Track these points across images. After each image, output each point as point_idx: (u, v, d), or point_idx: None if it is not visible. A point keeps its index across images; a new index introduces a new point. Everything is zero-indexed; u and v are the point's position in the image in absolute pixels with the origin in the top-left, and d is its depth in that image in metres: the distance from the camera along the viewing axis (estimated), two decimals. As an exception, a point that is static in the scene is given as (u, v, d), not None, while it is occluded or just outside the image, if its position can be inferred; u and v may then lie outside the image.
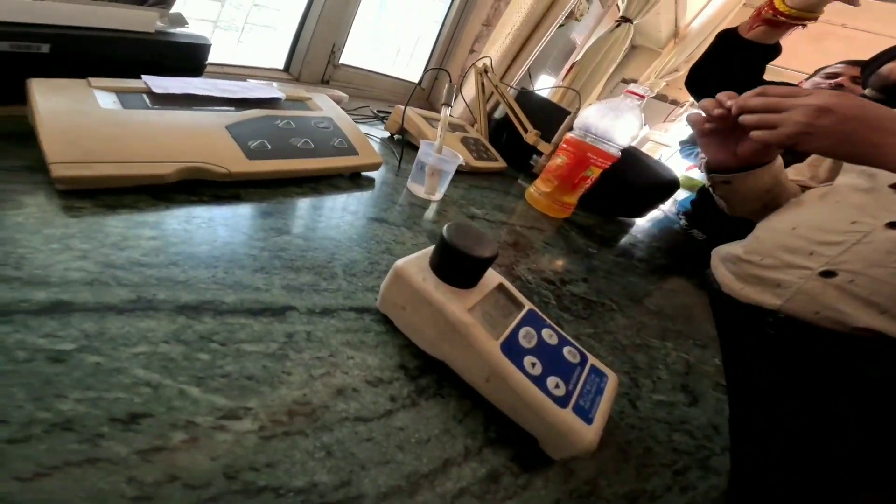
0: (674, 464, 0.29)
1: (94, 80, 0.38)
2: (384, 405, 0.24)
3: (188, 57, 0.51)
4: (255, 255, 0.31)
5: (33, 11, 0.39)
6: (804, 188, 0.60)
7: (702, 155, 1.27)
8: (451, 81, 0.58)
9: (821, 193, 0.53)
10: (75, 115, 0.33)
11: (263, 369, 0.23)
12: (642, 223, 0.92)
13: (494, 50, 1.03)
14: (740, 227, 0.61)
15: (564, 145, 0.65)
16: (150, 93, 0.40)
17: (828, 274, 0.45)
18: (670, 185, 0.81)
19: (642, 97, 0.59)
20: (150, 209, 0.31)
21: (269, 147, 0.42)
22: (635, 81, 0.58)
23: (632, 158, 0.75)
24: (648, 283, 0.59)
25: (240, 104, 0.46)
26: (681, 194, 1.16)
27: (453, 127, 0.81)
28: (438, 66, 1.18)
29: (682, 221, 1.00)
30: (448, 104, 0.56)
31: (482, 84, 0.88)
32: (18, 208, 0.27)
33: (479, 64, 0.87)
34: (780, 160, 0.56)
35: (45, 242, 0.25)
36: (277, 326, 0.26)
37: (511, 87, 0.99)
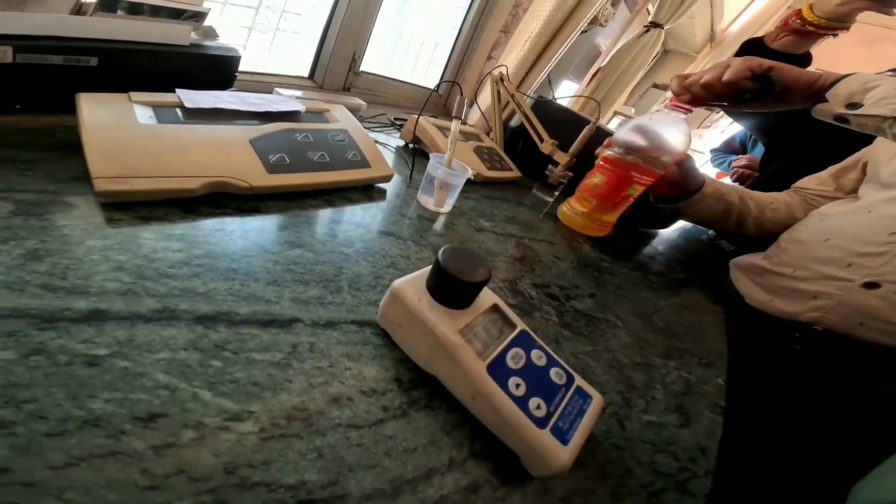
0: (651, 485, 0.29)
1: (134, 95, 0.41)
2: (376, 414, 0.26)
3: (220, 68, 0.54)
4: (269, 268, 0.33)
5: (84, 26, 0.42)
6: (828, 199, 0.59)
7: (733, 165, 1.23)
8: (461, 94, 0.59)
9: (850, 205, 0.52)
10: (117, 131, 0.36)
11: (268, 377, 0.25)
12: (667, 234, 0.89)
13: (512, 58, 1.02)
14: (771, 238, 0.59)
15: (602, 163, 0.62)
16: (182, 107, 0.43)
17: (871, 286, 0.44)
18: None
19: (689, 110, 0.55)
20: (179, 221, 0.34)
21: (288, 161, 0.44)
22: (667, 87, 0.55)
23: None
24: (660, 299, 0.57)
25: (263, 118, 0.48)
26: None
27: (467, 136, 0.81)
28: (456, 72, 1.18)
29: (710, 232, 0.96)
30: (458, 117, 0.56)
31: (498, 92, 0.88)
32: (67, 218, 0.30)
33: (495, 72, 0.87)
34: (711, 188, 0.60)
35: (88, 253, 0.28)
36: (284, 337, 0.28)
37: (528, 95, 0.98)
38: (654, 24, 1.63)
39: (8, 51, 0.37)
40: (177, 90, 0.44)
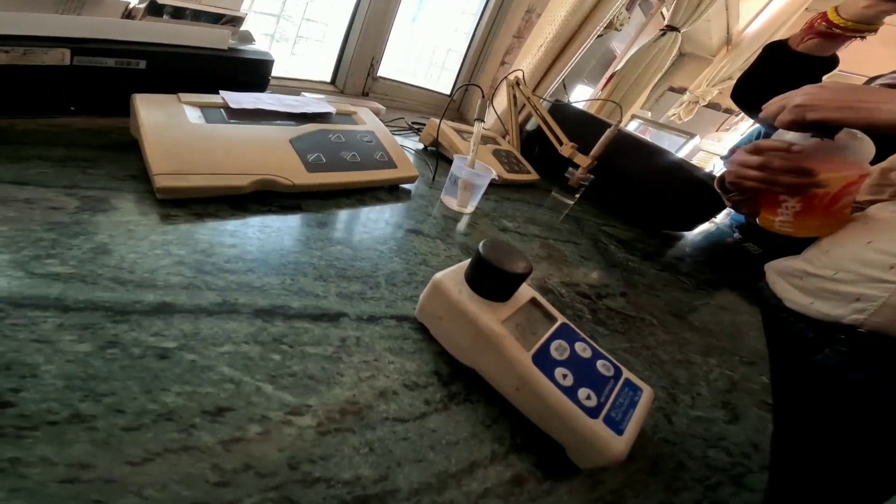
0: (706, 479, 0.28)
1: (183, 96, 0.41)
2: (419, 408, 0.25)
3: (255, 72, 0.54)
4: (314, 263, 0.33)
5: (135, 30, 0.42)
6: (870, 202, 0.56)
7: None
8: (483, 96, 0.58)
9: (892, 208, 0.49)
10: (171, 129, 0.36)
11: (322, 370, 0.25)
12: (692, 237, 0.86)
13: (527, 62, 1.00)
14: (799, 240, 0.56)
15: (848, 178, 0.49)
16: (226, 107, 0.43)
17: None
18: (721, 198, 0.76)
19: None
20: (229, 218, 0.34)
21: (324, 160, 0.44)
22: (685, 90, 0.54)
23: (678, 169, 0.71)
24: (694, 299, 0.55)
25: (299, 118, 0.48)
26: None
27: (485, 139, 0.80)
28: (469, 77, 1.16)
29: (736, 234, 0.92)
30: (481, 119, 0.55)
31: (514, 96, 0.86)
32: (129, 214, 0.30)
33: (511, 76, 0.85)
34: None
35: (151, 248, 0.28)
36: (333, 331, 0.28)
37: (544, 98, 0.96)
38: (670, 28, 1.59)
39: (67, 53, 0.37)
40: (221, 92, 0.44)
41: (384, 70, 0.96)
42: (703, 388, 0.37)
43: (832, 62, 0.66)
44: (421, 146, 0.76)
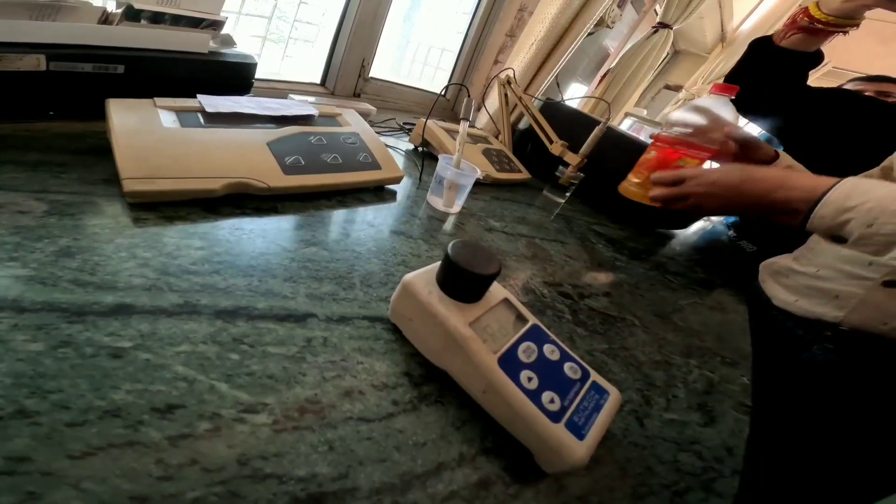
0: (674, 484, 0.28)
1: (159, 100, 0.41)
2: (386, 408, 0.25)
3: (237, 75, 0.55)
4: (285, 265, 0.33)
5: (111, 35, 0.42)
6: None
7: None
8: (469, 96, 0.58)
9: None
10: (143, 135, 0.37)
11: (283, 370, 0.25)
12: (686, 235, 0.85)
13: (518, 61, 1.01)
14: (795, 237, 0.57)
15: (655, 141, 0.63)
16: (203, 111, 0.43)
17: (891, 284, 0.42)
18: None
19: (731, 94, 0.56)
20: (201, 221, 0.34)
21: (303, 162, 0.44)
22: (680, 88, 0.56)
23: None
24: (680, 298, 0.55)
25: (279, 121, 0.48)
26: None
27: (476, 139, 0.80)
28: (462, 77, 1.17)
29: (731, 233, 0.92)
30: (466, 119, 0.56)
31: (505, 95, 0.87)
32: (97, 218, 0.31)
33: (502, 75, 0.86)
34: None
35: (116, 251, 0.28)
36: (299, 331, 0.28)
37: (536, 97, 0.96)
38: (663, 25, 1.59)
39: (42, 59, 0.38)
40: (198, 96, 0.44)
41: (377, 71, 0.96)
42: (679, 390, 0.37)
43: (817, 58, 0.66)
44: (412, 146, 0.76)
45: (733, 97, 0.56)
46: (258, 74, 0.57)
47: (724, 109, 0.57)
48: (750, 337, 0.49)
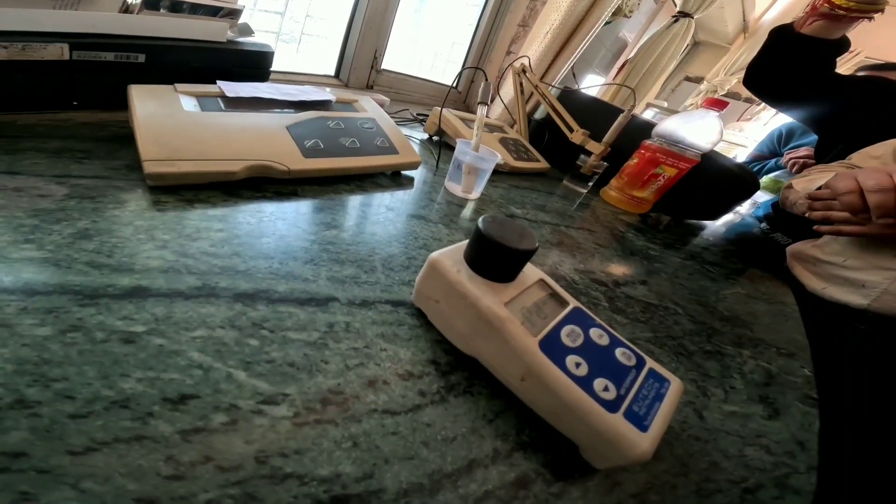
0: (743, 481, 0.24)
1: (180, 86, 0.39)
2: (412, 399, 0.22)
3: (254, 64, 0.52)
4: (306, 247, 0.30)
5: (133, 24, 0.40)
6: None
7: (791, 157, 1.11)
8: (486, 79, 0.54)
9: None
10: (164, 118, 0.34)
11: (304, 357, 0.22)
12: (715, 227, 0.80)
13: (533, 50, 0.95)
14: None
15: (640, 149, 0.66)
16: (223, 96, 0.41)
17: None
18: (749, 186, 0.68)
19: (721, 109, 0.60)
20: (221, 204, 0.32)
21: (322, 146, 0.41)
22: (701, 79, 0.54)
23: (704, 156, 0.65)
24: (722, 288, 0.50)
25: (298, 106, 0.45)
26: (760, 196, 0.99)
27: (491, 128, 0.76)
28: (474, 67, 1.12)
29: (763, 225, 0.85)
30: (484, 102, 0.52)
31: (521, 84, 0.81)
32: (117, 201, 0.28)
33: (517, 64, 0.81)
34: None
35: (135, 233, 0.26)
36: (320, 316, 0.25)
37: (553, 86, 0.91)
38: (683, 14, 1.48)
39: (65, 48, 0.36)
40: (218, 81, 0.42)
41: (389, 63, 0.93)
42: (737, 381, 0.32)
43: (842, 44, 0.60)
44: (426, 136, 0.73)
45: (722, 111, 0.59)
46: (274, 68, 0.54)
47: (710, 122, 0.59)
48: (803, 327, 0.45)
